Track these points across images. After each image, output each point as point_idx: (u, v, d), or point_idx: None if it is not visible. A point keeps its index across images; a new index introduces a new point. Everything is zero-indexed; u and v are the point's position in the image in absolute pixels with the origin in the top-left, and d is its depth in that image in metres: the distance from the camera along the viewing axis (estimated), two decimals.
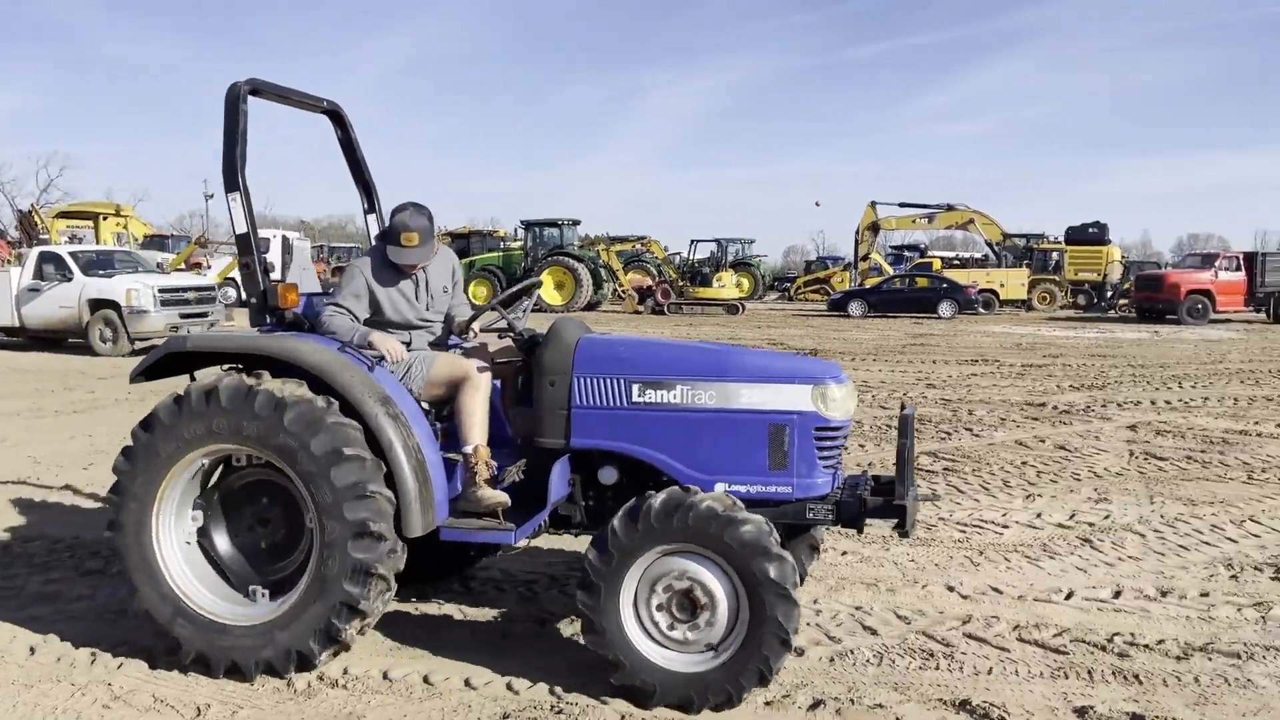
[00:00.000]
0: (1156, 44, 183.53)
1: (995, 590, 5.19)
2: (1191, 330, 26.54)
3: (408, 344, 4.45)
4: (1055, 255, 37.48)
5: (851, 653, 4.36)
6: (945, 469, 8.29)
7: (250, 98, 4.32)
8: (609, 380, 4.15)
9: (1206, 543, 6.10)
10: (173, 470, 4.03)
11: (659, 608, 3.78)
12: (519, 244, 36.88)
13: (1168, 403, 12.15)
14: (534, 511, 4.13)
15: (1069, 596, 5.11)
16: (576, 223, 36.00)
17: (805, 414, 4.05)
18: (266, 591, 4.09)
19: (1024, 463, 8.52)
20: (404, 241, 4.33)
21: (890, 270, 39.13)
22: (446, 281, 4.64)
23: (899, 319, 31.09)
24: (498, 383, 4.55)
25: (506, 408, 4.54)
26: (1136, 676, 4.12)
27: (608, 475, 4.27)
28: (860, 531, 4.44)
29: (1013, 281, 35.66)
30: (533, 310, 4.64)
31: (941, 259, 44.17)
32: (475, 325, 4.55)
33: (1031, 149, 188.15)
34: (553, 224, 34.91)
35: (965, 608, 4.95)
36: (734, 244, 45.97)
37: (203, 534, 4.20)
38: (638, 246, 40.41)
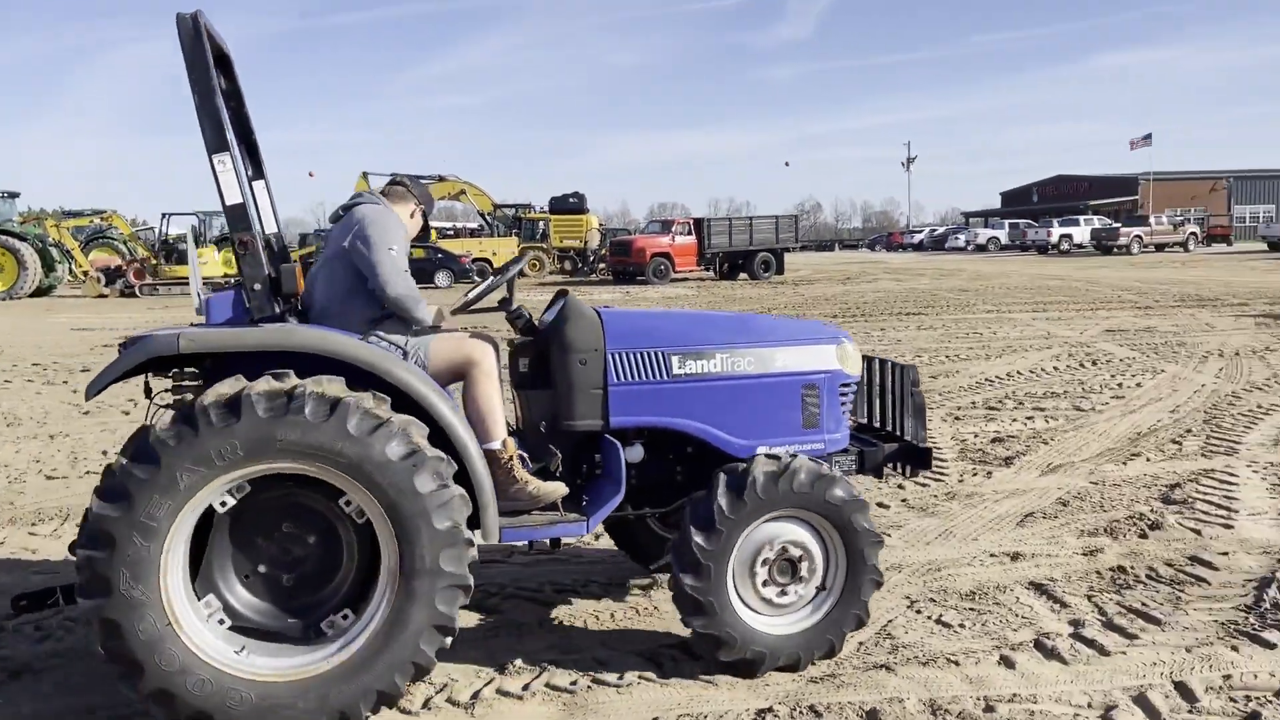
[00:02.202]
0: (630, 27, 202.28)
1: None
2: (656, 289, 29.67)
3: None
4: (542, 224, 39.76)
5: None
6: None
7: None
8: (647, 354, 3.96)
9: None
10: (198, 496, 3.15)
11: (763, 578, 3.78)
12: None
13: None
14: (576, 500, 3.93)
15: (510, 555, 5.31)
16: (15, 195, 30.98)
17: (833, 373, 4.17)
18: (346, 612, 3.38)
19: None
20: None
21: None
22: None
23: None
24: None
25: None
26: (559, 623, 4.37)
27: (634, 453, 4.03)
28: (880, 477, 4.58)
29: (504, 250, 37.21)
30: None
31: (437, 229, 44.86)
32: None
33: (522, 122, 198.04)
34: None
35: None
36: (219, 217, 42.62)
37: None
38: (98, 222, 35.79)
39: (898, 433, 4.47)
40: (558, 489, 3.81)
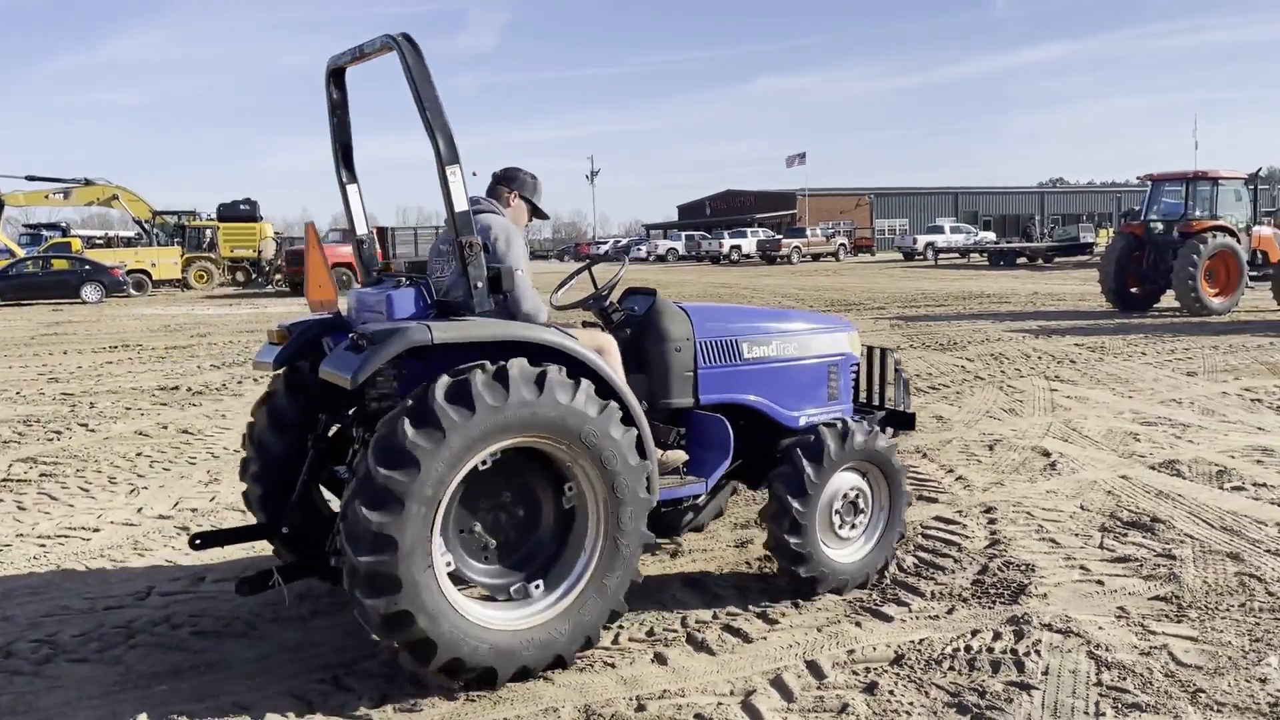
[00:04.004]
0: (301, 28, 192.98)
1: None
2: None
3: None
4: (209, 232, 36.93)
5: None
6: (42, 474, 7.37)
7: None
8: (726, 341, 4.68)
9: None
10: (468, 462, 3.52)
11: (837, 520, 4.58)
12: None
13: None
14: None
15: (200, 582, 4.86)
16: None
17: (846, 355, 5.10)
18: (539, 583, 3.85)
19: (139, 454, 8.02)
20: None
21: (21, 251, 34.56)
22: None
23: (35, 306, 27.90)
24: None
25: None
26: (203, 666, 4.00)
27: None
28: None
29: (165, 260, 34.37)
30: None
31: (84, 238, 40.52)
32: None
33: (185, 123, 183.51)
34: None
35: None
36: None
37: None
38: None
39: (877, 403, 5.36)
40: (679, 455, 4.51)
